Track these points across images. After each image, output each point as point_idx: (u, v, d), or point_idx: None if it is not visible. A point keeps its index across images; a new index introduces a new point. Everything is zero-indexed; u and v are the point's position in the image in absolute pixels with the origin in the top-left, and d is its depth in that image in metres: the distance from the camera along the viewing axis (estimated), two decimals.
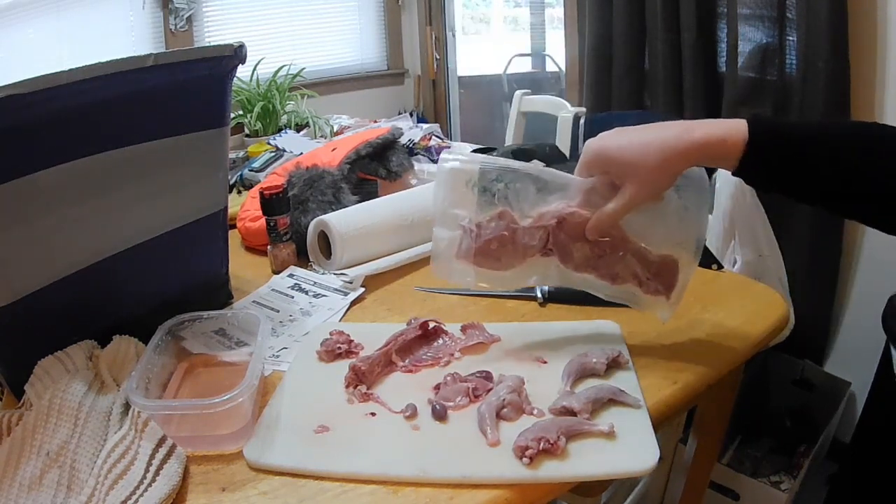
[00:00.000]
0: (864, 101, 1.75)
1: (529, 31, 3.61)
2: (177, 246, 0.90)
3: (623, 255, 0.79)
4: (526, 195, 0.78)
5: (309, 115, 2.39)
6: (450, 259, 0.80)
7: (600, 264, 0.79)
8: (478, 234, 0.78)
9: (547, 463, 0.64)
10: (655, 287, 0.80)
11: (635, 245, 0.78)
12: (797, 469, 1.76)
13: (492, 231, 0.78)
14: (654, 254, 0.79)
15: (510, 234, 0.78)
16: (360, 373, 0.79)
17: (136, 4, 2.68)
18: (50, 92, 0.66)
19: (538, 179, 0.78)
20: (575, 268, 0.80)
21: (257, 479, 0.66)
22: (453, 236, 0.80)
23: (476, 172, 0.78)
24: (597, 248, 0.78)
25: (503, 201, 0.78)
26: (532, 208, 0.78)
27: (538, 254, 0.79)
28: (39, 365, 0.75)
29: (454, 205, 0.79)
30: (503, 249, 0.79)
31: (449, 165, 0.79)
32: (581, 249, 0.79)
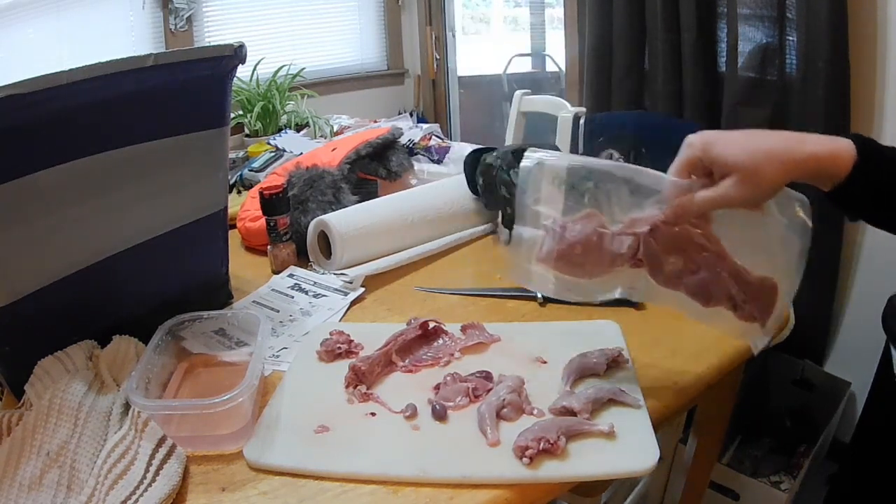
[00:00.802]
0: (864, 101, 1.74)
1: (529, 31, 3.60)
2: (177, 246, 0.90)
3: (719, 272, 0.70)
4: (618, 197, 0.71)
5: (309, 115, 2.38)
6: (529, 261, 0.73)
7: (693, 281, 0.70)
8: (562, 235, 0.70)
9: (547, 463, 0.65)
10: (751, 312, 0.71)
11: (733, 263, 0.70)
12: (797, 469, 1.76)
13: (577, 234, 0.70)
14: (752, 275, 0.70)
15: (597, 239, 0.70)
16: (360, 373, 0.79)
17: (136, 4, 2.68)
18: (50, 92, 0.66)
19: (632, 181, 0.71)
20: (665, 282, 0.71)
21: (257, 479, 0.66)
22: (534, 236, 0.72)
23: (564, 169, 0.72)
24: (691, 263, 0.70)
25: (592, 202, 0.71)
26: (623, 212, 0.71)
27: (627, 263, 0.71)
28: (39, 365, 0.75)
29: (538, 202, 0.72)
30: (588, 255, 0.70)
31: (536, 159, 0.72)
32: (674, 263, 0.70)
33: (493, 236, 1.31)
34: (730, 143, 0.66)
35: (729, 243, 0.70)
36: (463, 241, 1.27)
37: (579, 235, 0.70)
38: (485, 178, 1.22)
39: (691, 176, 0.69)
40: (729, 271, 0.70)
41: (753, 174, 0.65)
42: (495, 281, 1.10)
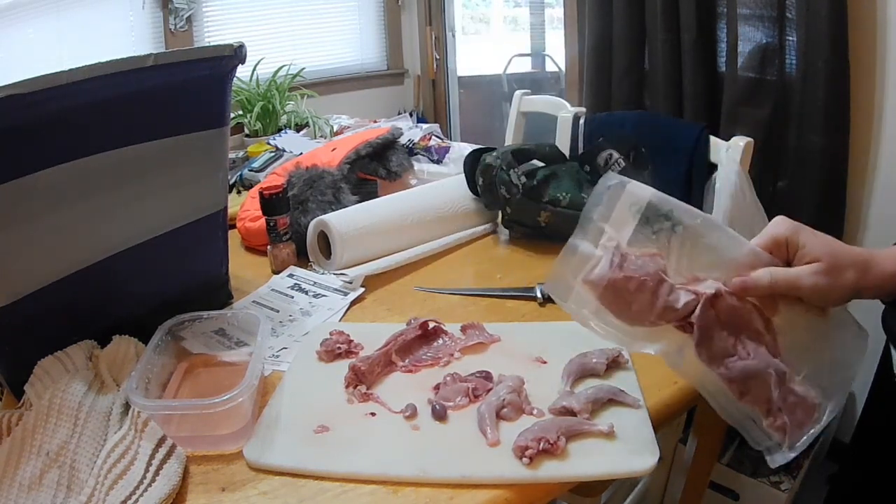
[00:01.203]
0: (864, 102, 1.74)
1: (529, 31, 3.60)
2: (177, 246, 0.90)
3: (768, 368, 0.63)
4: (690, 249, 0.65)
5: (309, 115, 2.39)
6: (575, 277, 0.65)
7: (738, 367, 0.63)
8: (620, 264, 0.64)
9: (547, 463, 0.65)
10: (783, 423, 0.63)
11: (782, 365, 0.64)
12: (797, 469, 1.76)
13: (637, 269, 0.63)
14: (797, 384, 0.64)
15: (654, 284, 0.63)
16: (360, 373, 0.79)
17: (136, 4, 2.68)
18: (50, 92, 0.66)
19: (711, 236, 0.65)
20: (708, 359, 0.63)
21: (257, 479, 0.66)
22: (590, 254, 0.65)
23: (647, 199, 0.65)
24: (742, 348, 0.63)
25: (663, 243, 0.65)
26: (690, 267, 0.65)
27: (674, 322, 0.64)
28: (39, 365, 0.75)
29: (605, 220, 0.65)
30: (639, 296, 0.63)
31: (620, 177, 0.66)
32: (725, 340, 0.63)
33: (493, 236, 1.31)
34: (818, 235, 0.65)
35: (784, 342, 0.65)
36: (463, 241, 1.27)
37: (639, 271, 0.63)
38: (485, 178, 1.22)
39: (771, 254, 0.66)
40: (777, 371, 0.63)
41: (836, 269, 0.62)
42: (495, 281, 1.10)
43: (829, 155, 1.76)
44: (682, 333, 0.64)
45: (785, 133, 1.89)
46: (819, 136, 1.76)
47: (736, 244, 0.65)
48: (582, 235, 0.66)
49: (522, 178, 1.16)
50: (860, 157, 1.79)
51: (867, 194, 1.82)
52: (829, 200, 1.81)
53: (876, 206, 1.81)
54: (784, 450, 0.64)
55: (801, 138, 1.82)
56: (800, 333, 0.65)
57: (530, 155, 1.25)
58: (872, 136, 1.77)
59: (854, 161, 1.79)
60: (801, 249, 0.64)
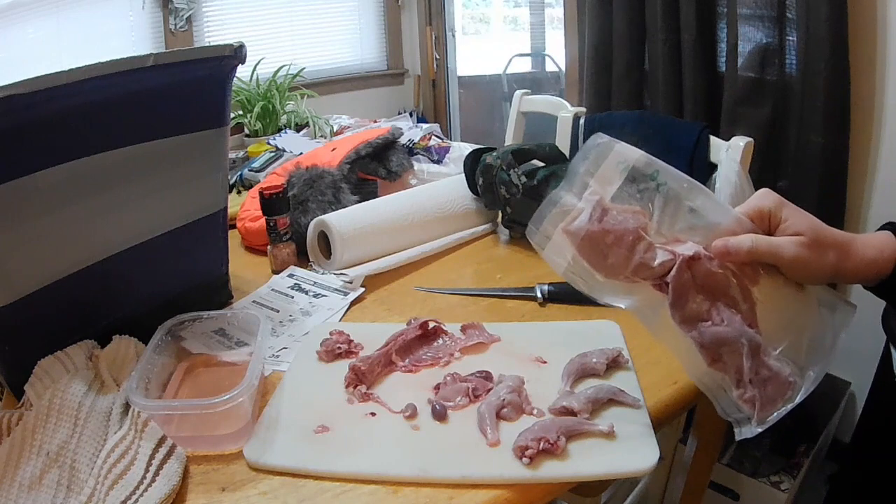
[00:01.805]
0: (864, 102, 1.75)
1: (529, 31, 3.61)
2: (177, 246, 0.90)
3: (741, 337, 0.62)
4: (673, 210, 0.65)
5: (309, 114, 2.38)
6: (554, 227, 0.66)
7: (710, 332, 0.63)
8: (600, 217, 0.64)
9: (547, 463, 0.64)
10: (752, 396, 0.63)
11: (758, 337, 0.63)
12: (797, 469, 1.76)
13: (616, 223, 0.64)
14: (773, 359, 0.64)
15: (632, 240, 0.63)
16: (360, 373, 0.79)
17: (136, 4, 2.68)
18: (50, 92, 0.66)
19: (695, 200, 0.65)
20: (680, 320, 0.63)
21: (257, 479, 0.66)
22: (571, 205, 0.66)
23: (634, 158, 0.65)
24: (717, 314, 0.63)
25: (645, 202, 0.65)
26: (671, 228, 0.65)
27: (650, 280, 0.64)
28: (39, 365, 0.75)
29: (591, 175, 0.66)
30: (616, 249, 0.63)
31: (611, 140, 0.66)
32: (699, 304, 0.63)
33: (493, 236, 1.31)
34: (802, 212, 0.65)
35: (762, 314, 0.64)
36: (463, 241, 1.27)
37: (617, 226, 0.63)
38: (485, 178, 1.22)
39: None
40: (750, 342, 0.63)
41: (818, 246, 0.63)
42: (495, 281, 1.10)
43: (829, 155, 1.76)
44: (658, 293, 0.64)
45: (785, 133, 1.89)
46: (819, 136, 1.76)
47: (720, 210, 0.65)
48: (567, 188, 0.66)
49: (522, 178, 1.16)
50: (860, 157, 1.79)
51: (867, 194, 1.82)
52: (829, 200, 1.81)
53: (876, 206, 1.81)
54: (753, 424, 0.64)
55: (801, 138, 1.82)
56: (778, 307, 0.65)
57: (530, 155, 1.25)
58: (872, 136, 1.77)
59: (854, 161, 1.79)
60: (784, 223, 0.64)
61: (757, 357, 0.63)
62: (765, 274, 0.64)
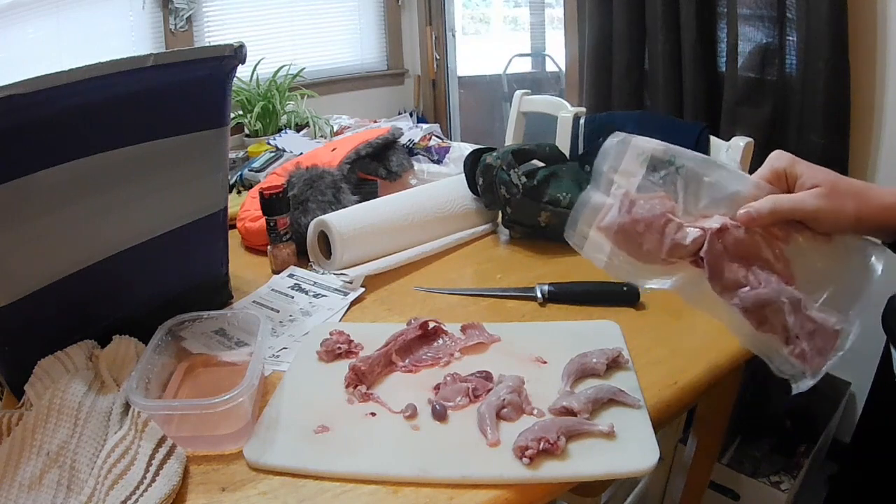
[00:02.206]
0: (864, 102, 1.75)
1: (529, 31, 3.61)
2: (177, 246, 0.90)
3: (780, 296, 0.64)
4: (695, 188, 0.68)
5: (309, 115, 2.38)
6: (589, 225, 0.71)
7: (751, 297, 0.65)
8: (629, 209, 0.68)
9: (547, 463, 0.64)
10: (802, 350, 0.65)
11: (797, 293, 0.65)
12: (797, 469, 1.76)
13: (645, 212, 0.68)
14: (816, 311, 0.65)
15: (663, 224, 0.67)
16: (360, 373, 0.79)
17: (136, 4, 2.67)
18: (50, 92, 0.66)
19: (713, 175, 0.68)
20: (721, 291, 0.66)
21: (257, 480, 0.66)
22: (601, 203, 0.70)
23: (651, 149, 0.70)
24: (753, 277, 0.65)
25: (669, 186, 0.68)
26: (697, 205, 0.68)
27: (686, 258, 0.67)
28: (39, 365, 0.75)
29: (614, 171, 0.70)
30: (649, 235, 0.67)
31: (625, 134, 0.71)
32: (735, 271, 0.65)
33: (493, 236, 1.31)
34: (815, 166, 0.66)
35: (797, 270, 0.66)
36: (463, 241, 1.27)
37: (646, 214, 0.67)
38: (485, 178, 1.22)
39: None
40: (791, 298, 0.64)
41: (836, 195, 0.63)
42: (495, 281, 1.10)
43: (829, 155, 1.76)
44: (696, 268, 0.67)
45: (785, 133, 1.89)
46: (819, 136, 1.76)
47: (738, 179, 0.67)
48: (594, 187, 0.71)
49: (522, 178, 1.16)
50: (860, 157, 1.79)
51: None
52: None
53: None
54: (808, 377, 0.65)
55: (801, 138, 1.82)
56: (812, 260, 0.66)
57: (530, 155, 1.25)
58: (872, 136, 1.77)
59: (854, 161, 1.79)
60: (800, 178, 0.65)
61: (799, 312, 0.64)
62: (793, 231, 0.66)
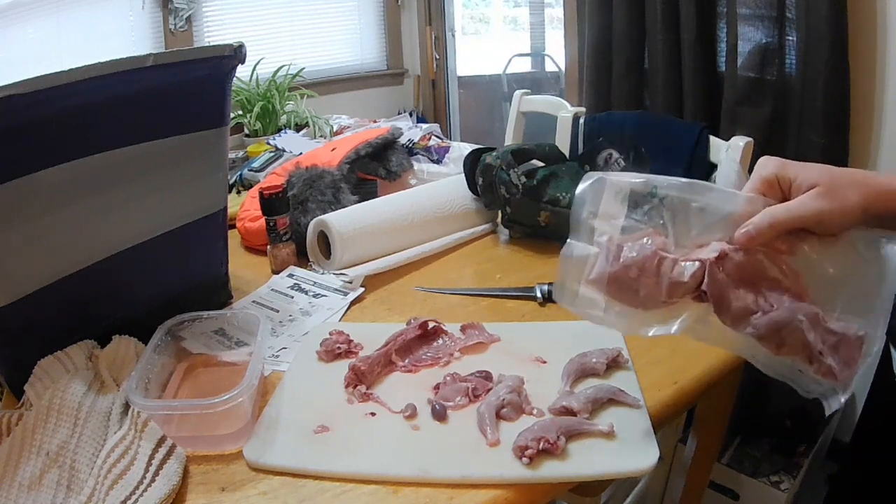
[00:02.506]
0: (864, 102, 1.75)
1: (529, 31, 3.61)
2: (176, 246, 0.90)
3: (796, 314, 0.59)
4: (684, 217, 0.62)
5: (308, 114, 2.38)
6: (578, 281, 0.65)
7: (764, 322, 0.60)
8: (617, 255, 0.62)
9: (547, 463, 0.65)
10: (828, 367, 0.59)
11: (812, 307, 0.60)
12: (797, 469, 1.76)
13: (635, 255, 0.61)
14: (835, 322, 0.60)
15: (657, 264, 0.61)
16: (360, 373, 0.79)
17: (136, 4, 2.67)
18: (50, 92, 0.66)
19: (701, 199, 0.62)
20: (732, 322, 0.60)
21: (257, 479, 0.66)
22: (586, 254, 0.64)
23: (629, 184, 0.64)
24: (764, 301, 0.60)
25: (656, 221, 0.62)
26: (689, 235, 0.62)
27: (688, 295, 0.61)
28: (39, 365, 0.75)
29: (594, 216, 0.64)
30: (645, 280, 0.61)
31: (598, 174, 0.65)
32: (743, 298, 0.60)
33: (492, 236, 1.31)
34: (808, 164, 0.61)
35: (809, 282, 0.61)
36: (463, 241, 1.27)
37: (637, 257, 0.61)
38: (484, 178, 1.22)
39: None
40: (808, 315, 0.59)
41: (836, 189, 0.58)
42: (495, 281, 1.10)
43: (829, 155, 1.76)
44: (702, 304, 0.61)
45: (785, 133, 1.89)
46: (819, 136, 1.76)
47: (728, 198, 0.62)
48: (576, 237, 0.65)
49: (522, 177, 1.16)
50: (860, 157, 1.79)
51: None
52: None
53: None
54: (839, 393, 0.60)
55: (801, 138, 1.82)
56: (822, 267, 0.61)
57: (530, 155, 1.25)
58: (872, 136, 1.77)
59: (854, 161, 1.78)
60: (795, 181, 0.60)
61: (819, 327, 0.59)
62: (797, 241, 0.61)
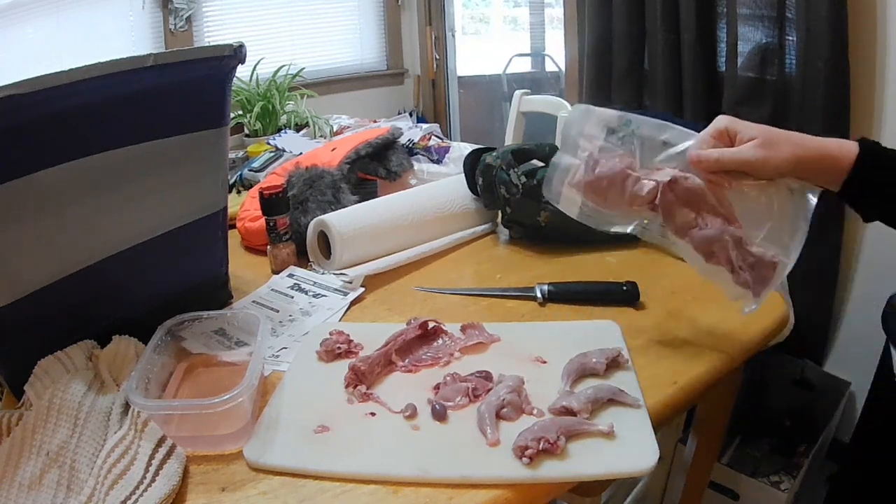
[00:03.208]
0: (864, 101, 1.75)
1: (529, 31, 3.61)
2: (176, 246, 0.90)
3: (723, 234, 0.77)
4: (651, 147, 0.80)
5: (308, 114, 2.38)
6: (562, 184, 0.83)
7: (699, 236, 0.79)
8: (593, 168, 0.80)
9: (546, 463, 0.65)
10: (745, 279, 0.79)
11: (738, 231, 0.78)
12: (797, 469, 1.76)
13: (606, 169, 0.80)
14: (755, 247, 0.78)
15: (622, 178, 0.79)
16: (360, 373, 0.79)
17: (136, 4, 2.67)
18: (50, 92, 0.66)
19: (665, 133, 0.80)
20: (675, 231, 0.80)
21: (257, 479, 0.66)
22: (571, 164, 0.82)
23: (610, 115, 0.82)
24: (700, 220, 0.79)
25: (627, 146, 0.81)
26: (652, 160, 0.80)
27: (645, 206, 0.80)
28: (39, 365, 0.75)
29: (580, 135, 0.83)
30: (612, 189, 0.80)
31: (589, 107, 0.84)
32: (685, 216, 0.79)
33: (492, 236, 1.31)
34: (749, 123, 0.77)
35: (740, 209, 0.78)
36: (463, 241, 1.27)
37: (608, 171, 0.80)
38: (484, 178, 1.22)
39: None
40: (733, 236, 0.77)
41: (771, 142, 0.74)
42: (495, 281, 1.10)
43: None
44: (655, 213, 0.80)
45: None
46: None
47: (687, 136, 0.79)
48: (564, 151, 0.84)
49: (522, 177, 1.16)
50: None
51: None
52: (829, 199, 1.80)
53: None
54: (751, 301, 0.79)
55: None
56: (752, 203, 0.78)
57: (530, 155, 1.25)
58: (872, 136, 1.76)
59: None
60: (740, 134, 0.76)
61: (741, 247, 0.78)
62: (734, 180, 0.77)
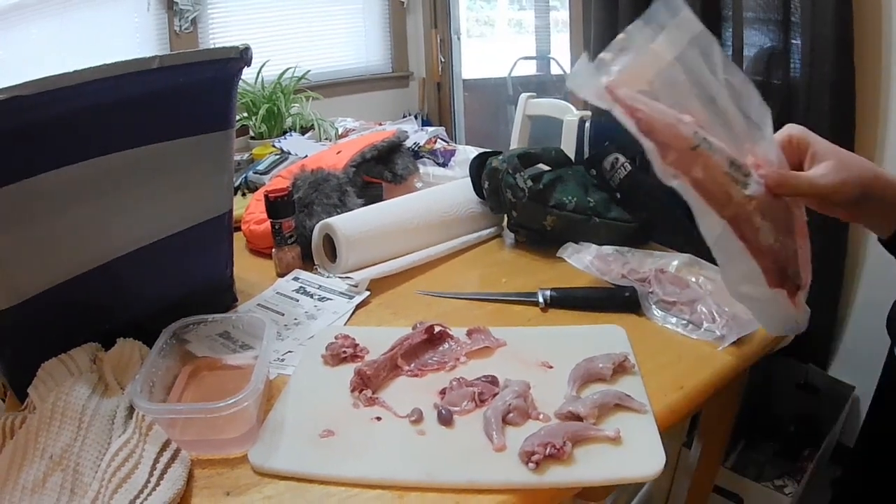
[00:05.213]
0: (870, 106, 1.74)
1: (534, 34, 3.62)
2: (181, 249, 0.90)
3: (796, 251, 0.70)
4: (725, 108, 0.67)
5: (314, 117, 2.38)
6: (597, 77, 0.66)
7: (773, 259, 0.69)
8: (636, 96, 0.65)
9: (553, 468, 0.64)
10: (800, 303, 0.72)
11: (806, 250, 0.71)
12: (801, 473, 1.75)
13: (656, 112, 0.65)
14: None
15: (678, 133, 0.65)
16: (366, 377, 0.79)
17: (141, 6, 2.68)
18: (55, 94, 0.66)
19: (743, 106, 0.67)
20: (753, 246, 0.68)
21: (262, 484, 0.66)
22: (614, 59, 0.66)
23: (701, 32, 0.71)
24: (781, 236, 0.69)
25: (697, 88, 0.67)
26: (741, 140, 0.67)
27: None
28: (43, 367, 0.75)
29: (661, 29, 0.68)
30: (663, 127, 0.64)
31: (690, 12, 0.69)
32: (763, 226, 0.67)
33: (498, 240, 1.31)
34: (822, 139, 0.70)
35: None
36: (468, 245, 1.27)
37: (656, 114, 0.64)
38: (490, 182, 1.22)
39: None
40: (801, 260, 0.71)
41: (847, 165, 0.67)
42: (501, 285, 1.10)
43: None
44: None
45: None
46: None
47: (762, 120, 0.68)
48: (629, 42, 0.67)
49: (528, 181, 1.16)
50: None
51: None
52: None
53: None
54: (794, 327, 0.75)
55: None
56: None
57: (536, 159, 1.25)
58: (878, 141, 1.76)
59: None
60: (812, 147, 0.69)
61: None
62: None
